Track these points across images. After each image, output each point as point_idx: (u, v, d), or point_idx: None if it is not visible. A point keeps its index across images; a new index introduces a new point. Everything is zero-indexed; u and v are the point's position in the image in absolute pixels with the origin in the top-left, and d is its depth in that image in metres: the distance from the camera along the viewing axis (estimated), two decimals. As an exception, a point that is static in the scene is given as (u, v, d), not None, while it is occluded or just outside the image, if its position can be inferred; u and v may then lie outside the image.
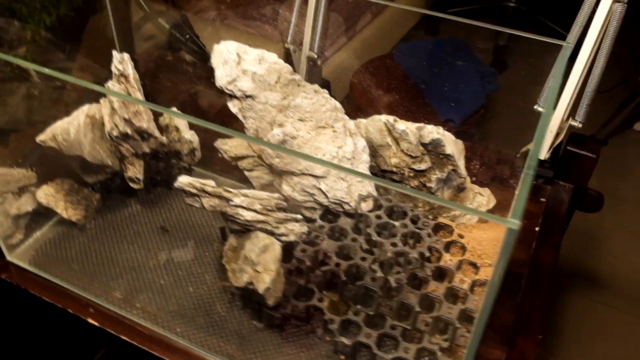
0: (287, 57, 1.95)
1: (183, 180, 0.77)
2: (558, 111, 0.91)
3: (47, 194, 0.91)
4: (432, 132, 0.84)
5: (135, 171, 0.91)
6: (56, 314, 0.87)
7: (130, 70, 0.84)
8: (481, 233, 0.82)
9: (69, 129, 0.83)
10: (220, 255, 0.90)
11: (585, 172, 0.97)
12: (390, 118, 0.83)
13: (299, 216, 0.83)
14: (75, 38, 1.08)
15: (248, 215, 0.79)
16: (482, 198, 0.92)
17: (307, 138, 0.79)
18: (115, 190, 0.98)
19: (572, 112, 0.92)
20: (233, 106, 0.80)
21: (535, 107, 0.94)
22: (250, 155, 0.92)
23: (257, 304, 0.80)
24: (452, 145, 0.87)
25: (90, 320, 0.82)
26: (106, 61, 1.01)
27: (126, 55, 0.84)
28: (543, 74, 0.91)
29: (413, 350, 0.73)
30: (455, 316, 0.72)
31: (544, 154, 0.96)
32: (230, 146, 0.93)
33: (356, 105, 1.45)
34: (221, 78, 0.78)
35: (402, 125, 0.83)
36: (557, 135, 0.94)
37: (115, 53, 0.84)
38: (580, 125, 0.92)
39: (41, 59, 1.01)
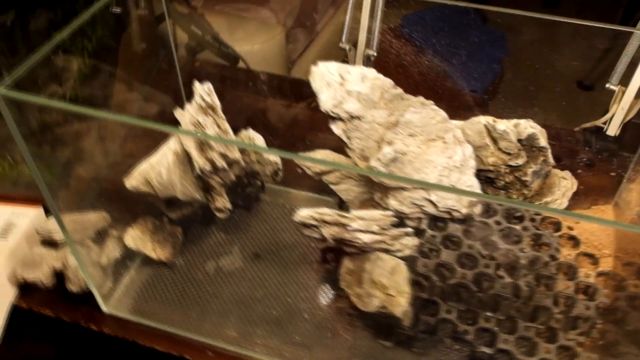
0: (287, 43, 1.90)
1: (303, 214, 0.75)
2: (630, 88, 0.92)
3: (134, 238, 0.87)
4: (527, 127, 0.83)
5: (223, 201, 0.87)
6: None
7: (217, 101, 0.80)
8: (590, 224, 0.84)
9: (161, 170, 0.79)
10: (324, 277, 0.89)
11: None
12: (490, 119, 0.82)
13: (410, 229, 0.82)
14: (114, 61, 1.02)
15: (366, 238, 0.78)
16: (566, 182, 0.93)
17: (418, 152, 0.77)
18: (196, 222, 0.94)
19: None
20: (337, 128, 0.77)
21: (607, 85, 0.95)
22: (336, 169, 0.90)
23: (385, 324, 0.80)
24: (541, 135, 0.87)
25: (211, 364, 0.80)
26: (158, 82, 0.95)
27: (210, 86, 0.79)
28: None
29: (552, 349, 0.75)
30: (593, 311, 0.74)
31: (614, 131, 0.98)
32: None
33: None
34: (326, 102, 0.75)
35: (502, 125, 0.82)
36: (628, 112, 0.96)
37: (197, 84, 0.80)
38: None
39: (89, 93, 0.94)
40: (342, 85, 0.75)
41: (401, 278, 0.75)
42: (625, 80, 0.94)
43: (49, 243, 0.87)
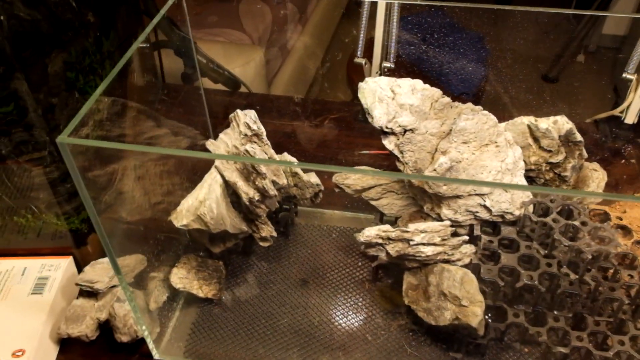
0: (266, 64, 1.88)
1: (370, 233, 0.73)
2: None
3: (181, 278, 0.82)
4: (564, 122, 0.84)
5: (269, 230, 0.84)
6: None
7: (262, 128, 0.77)
8: (637, 210, 0.85)
9: (211, 205, 0.75)
10: (380, 295, 0.87)
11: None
12: (532, 119, 0.83)
13: (466, 237, 0.82)
14: (123, 93, 0.98)
15: (429, 251, 0.76)
16: (597, 173, 0.94)
17: (472, 159, 0.76)
18: (237, 254, 0.91)
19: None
20: (389, 143, 0.76)
21: (624, 75, 0.97)
22: (378, 184, 0.88)
23: (455, 336, 0.79)
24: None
25: (281, 400, 0.77)
26: (177, 115, 0.92)
27: (254, 113, 0.77)
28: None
29: (626, 340, 0.75)
30: (661, 298, 0.75)
31: (632, 118, 1.00)
32: (355, 179, 0.88)
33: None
34: (380, 118, 0.73)
35: (544, 123, 0.82)
36: (645, 98, 0.98)
37: (239, 112, 0.77)
38: (673, 86, 0.96)
39: (110, 131, 0.90)
40: (393, 99, 0.74)
41: (472, 287, 0.74)
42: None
43: (89, 294, 0.82)
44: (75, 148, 0.57)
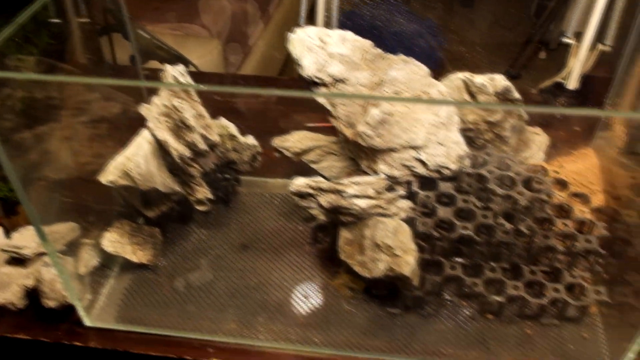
0: (224, 57, 1.87)
1: (299, 182, 0.72)
2: (586, 39, 0.96)
3: (112, 242, 0.80)
4: (501, 80, 0.84)
5: (204, 191, 0.83)
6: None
7: (192, 82, 0.76)
8: (574, 165, 0.85)
9: (139, 161, 0.74)
10: (319, 256, 0.86)
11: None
12: (467, 74, 0.83)
13: (403, 192, 0.81)
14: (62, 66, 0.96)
15: (363, 203, 0.75)
16: (539, 137, 0.94)
17: (405, 112, 0.76)
18: (175, 220, 0.89)
19: (599, 37, 0.98)
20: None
21: (562, 39, 0.98)
22: (317, 146, 0.88)
23: (389, 290, 0.78)
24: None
25: (215, 361, 0.75)
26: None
27: (183, 67, 0.76)
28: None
29: (562, 288, 0.75)
30: (594, 244, 0.75)
31: (574, 84, 1.01)
32: (293, 141, 0.88)
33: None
34: (309, 67, 0.73)
35: (480, 78, 0.82)
36: (585, 64, 0.99)
37: (168, 66, 0.76)
38: (610, 49, 0.97)
39: (44, 95, 0.88)
40: (323, 48, 0.74)
41: (405, 237, 0.73)
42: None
43: (17, 261, 0.80)
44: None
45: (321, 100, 0.76)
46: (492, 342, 0.75)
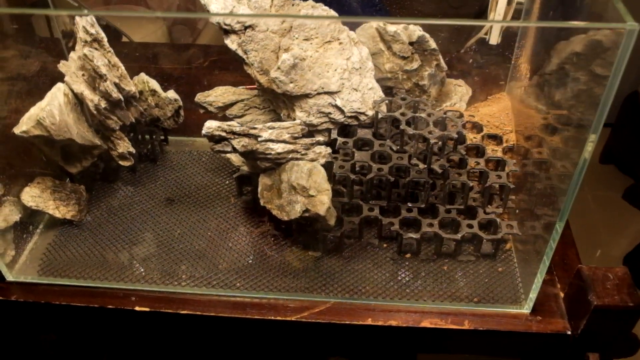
0: (170, 39, 1.87)
1: (211, 125, 0.73)
2: (503, -6, 0.99)
3: (33, 196, 0.80)
4: (416, 29, 0.86)
5: (126, 145, 0.83)
6: (87, 321, 0.78)
7: (102, 33, 0.76)
8: (488, 108, 0.87)
9: (52, 110, 0.74)
10: (243, 207, 0.87)
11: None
12: (380, 23, 0.84)
13: (322, 138, 0.82)
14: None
15: (279, 148, 0.77)
16: (461, 88, 0.97)
17: (316, 57, 0.77)
18: (100, 178, 0.89)
19: (516, -10, 1.00)
20: (231, 42, 0.76)
21: (481, -6, 1.01)
22: (240, 99, 0.89)
23: (309, 232, 0.79)
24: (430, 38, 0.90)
25: (137, 309, 0.75)
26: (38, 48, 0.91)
27: (93, 17, 0.76)
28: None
29: (475, 224, 0.77)
30: (505, 179, 0.77)
31: (496, 39, 1.04)
32: (216, 96, 0.88)
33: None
34: (217, 12, 0.74)
35: (393, 27, 0.84)
36: (504, 18, 1.02)
37: (78, 18, 0.76)
38: (524, 1, 0.99)
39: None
40: (231, -6, 0.75)
41: (319, 177, 0.74)
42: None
43: None
44: None
45: (233, 47, 0.77)
46: (410, 280, 0.76)
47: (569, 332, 0.71)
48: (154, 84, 0.86)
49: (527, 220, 0.78)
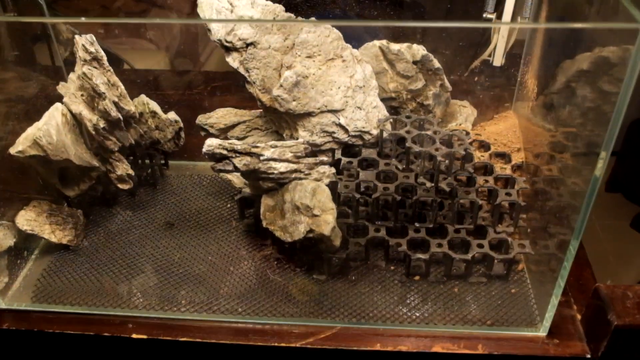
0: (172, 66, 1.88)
1: (212, 143, 0.71)
2: (505, 14, 0.98)
3: (28, 220, 0.78)
4: (419, 49, 0.85)
5: (125, 167, 0.81)
6: (82, 350, 0.75)
7: (102, 52, 0.75)
8: (495, 127, 0.85)
9: (49, 130, 0.72)
10: (245, 230, 0.84)
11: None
12: (384, 42, 0.83)
13: (326, 158, 0.80)
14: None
15: (281, 167, 0.74)
16: (466, 109, 0.95)
17: (319, 74, 0.76)
18: (99, 202, 0.87)
19: (519, 10, 0.99)
20: (233, 60, 0.75)
21: (484, 14, 1.00)
22: (242, 121, 0.87)
23: (314, 254, 0.76)
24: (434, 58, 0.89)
25: (135, 336, 0.71)
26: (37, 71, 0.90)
27: (92, 36, 0.75)
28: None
29: (486, 244, 0.74)
30: (515, 197, 0.74)
31: (499, 61, 1.03)
32: (217, 117, 0.87)
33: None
34: (218, 31, 0.73)
35: (396, 45, 0.83)
36: (508, 39, 1.01)
37: (77, 37, 0.75)
38: (527, 20, 0.98)
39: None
40: (232, 12, 0.74)
41: (324, 196, 0.72)
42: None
43: None
44: None
45: (234, 65, 0.75)
46: (419, 303, 0.73)
47: (589, 356, 0.67)
48: (154, 106, 0.85)
49: (539, 239, 0.75)
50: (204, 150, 0.71)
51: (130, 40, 1.87)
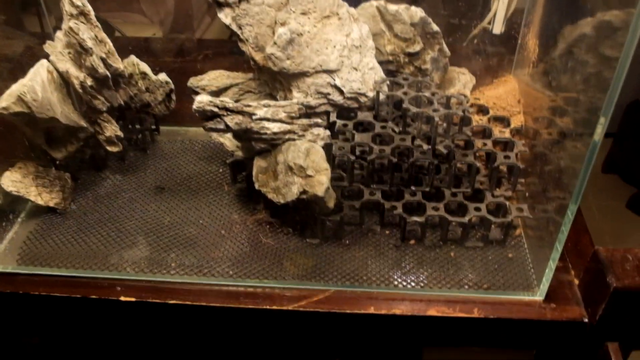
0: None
1: (202, 99, 0.69)
2: (506, -20, 0.96)
3: (13, 181, 0.76)
4: (417, 11, 0.83)
5: (113, 129, 0.79)
6: (68, 313, 0.73)
7: (89, 6, 0.73)
8: (495, 91, 0.84)
9: (34, 87, 0.70)
10: (237, 194, 0.82)
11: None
12: (381, 2, 0.81)
13: (320, 120, 0.78)
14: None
15: (274, 127, 0.72)
16: (465, 76, 0.93)
17: (314, 32, 0.74)
18: (87, 165, 0.85)
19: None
20: (225, 16, 0.73)
21: (484, -18, 0.98)
22: (234, 83, 0.85)
23: (307, 217, 0.74)
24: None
25: (123, 299, 0.70)
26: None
27: (80, -8, 0.72)
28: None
29: (483, 208, 0.73)
30: (513, 160, 0.73)
31: (499, 28, 1.00)
32: (209, 80, 0.85)
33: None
34: (212, -13, 0.70)
35: (394, 6, 0.81)
36: (508, 7, 0.99)
37: (64, -9, 0.72)
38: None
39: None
40: (223, -35, 0.71)
41: (318, 157, 0.70)
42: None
43: None
44: None
45: (226, 21, 0.73)
46: (415, 267, 0.72)
47: (586, 320, 0.66)
48: (145, 67, 0.83)
49: (537, 204, 0.73)
50: (194, 107, 0.69)
51: (123, 14, 1.84)
